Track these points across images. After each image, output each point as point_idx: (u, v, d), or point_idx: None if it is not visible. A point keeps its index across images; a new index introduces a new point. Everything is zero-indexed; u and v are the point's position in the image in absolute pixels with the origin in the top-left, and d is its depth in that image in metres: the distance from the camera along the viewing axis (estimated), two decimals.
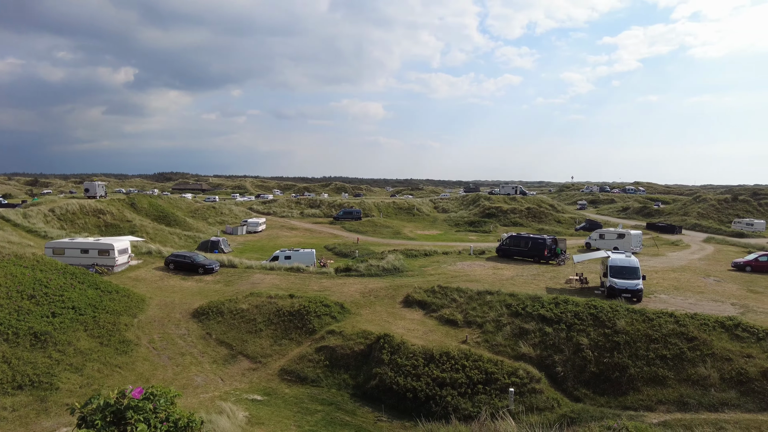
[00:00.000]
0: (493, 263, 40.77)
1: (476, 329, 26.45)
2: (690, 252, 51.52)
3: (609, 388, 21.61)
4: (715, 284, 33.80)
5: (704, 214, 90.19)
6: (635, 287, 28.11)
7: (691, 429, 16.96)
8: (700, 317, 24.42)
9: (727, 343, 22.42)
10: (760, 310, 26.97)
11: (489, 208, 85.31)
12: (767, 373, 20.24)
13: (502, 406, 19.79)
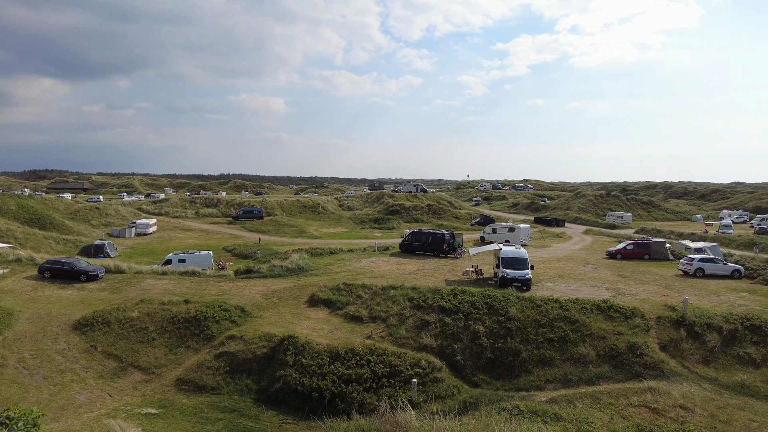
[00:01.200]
0: (396, 259, 41.70)
1: (381, 324, 26.87)
2: (572, 243, 56.76)
3: (504, 372, 23.07)
4: (592, 271, 37.53)
5: (584, 208, 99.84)
6: (525, 276, 30.33)
7: (573, 403, 18.65)
8: (580, 302, 26.93)
9: (602, 323, 24.98)
10: (627, 292, 30.42)
11: (393, 206, 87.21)
12: (633, 347, 22.89)
13: (406, 397, 20.33)
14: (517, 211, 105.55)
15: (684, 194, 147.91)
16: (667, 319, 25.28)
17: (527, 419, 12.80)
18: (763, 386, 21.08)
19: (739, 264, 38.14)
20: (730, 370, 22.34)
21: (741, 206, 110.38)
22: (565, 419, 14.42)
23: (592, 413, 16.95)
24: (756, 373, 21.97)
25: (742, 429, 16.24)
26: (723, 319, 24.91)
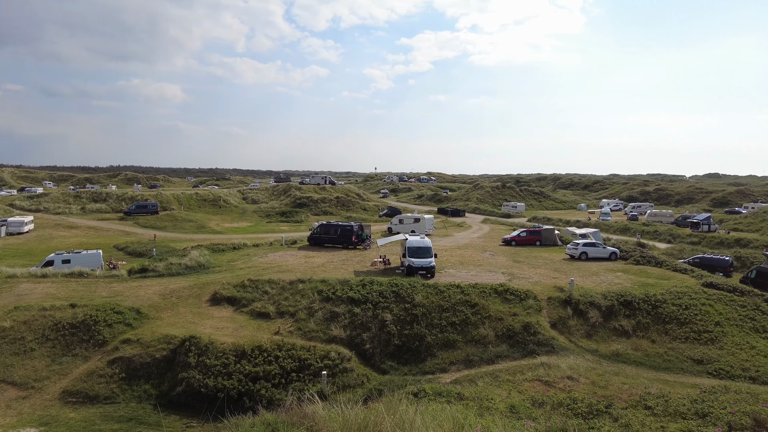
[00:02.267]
0: (305, 252, 41.24)
1: (289, 319, 26.49)
2: (472, 231, 59.88)
3: (411, 358, 23.86)
4: (490, 258, 39.90)
5: (482, 199, 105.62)
6: (429, 264, 31.52)
7: (475, 382, 19.79)
8: (479, 286, 28.55)
9: (500, 305, 26.72)
10: (521, 276, 32.79)
11: (300, 198, 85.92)
12: (527, 326, 24.78)
13: (316, 390, 20.31)
14: (422, 203, 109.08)
15: (570, 185, 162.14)
16: (557, 300, 27.65)
17: (432, 400, 13.37)
18: (633, 353, 23.91)
19: (615, 247, 42.67)
20: (607, 341, 25.04)
21: (617, 196, 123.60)
22: (468, 398, 15.28)
23: (492, 390, 18.12)
24: (628, 343, 24.85)
25: (617, 391, 18.29)
26: (602, 297, 27.79)
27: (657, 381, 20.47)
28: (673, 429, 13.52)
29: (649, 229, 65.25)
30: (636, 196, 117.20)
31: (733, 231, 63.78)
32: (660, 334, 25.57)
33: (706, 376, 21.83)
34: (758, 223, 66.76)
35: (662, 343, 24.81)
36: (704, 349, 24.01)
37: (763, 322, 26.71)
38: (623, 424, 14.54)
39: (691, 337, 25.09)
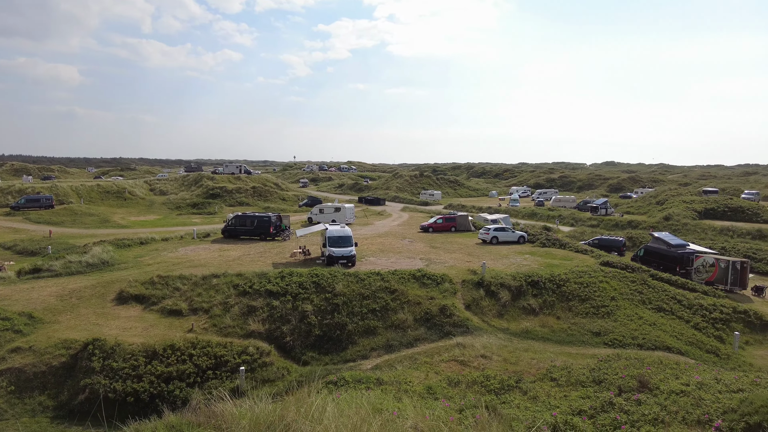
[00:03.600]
0: (219, 245, 39.61)
1: (203, 315, 25.38)
2: (392, 220, 60.80)
3: (332, 347, 23.85)
4: (409, 244, 40.77)
5: (401, 188, 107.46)
6: (350, 253, 31.58)
7: (394, 366, 20.21)
8: (399, 273, 29.08)
9: (418, 290, 27.42)
10: (438, 261, 33.85)
11: (213, 189, 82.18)
12: (444, 309, 25.67)
13: (234, 386, 19.71)
14: (342, 192, 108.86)
15: (483, 173, 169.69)
16: (470, 282, 28.87)
17: (352, 388, 13.48)
18: (540, 330, 25.62)
19: (523, 231, 45.30)
20: (517, 320, 26.61)
21: (525, 183, 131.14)
22: (387, 382, 15.58)
23: (411, 373, 18.61)
24: (535, 320, 26.58)
25: (526, 366, 19.54)
26: (512, 278, 29.42)
27: (562, 354, 22.11)
28: (574, 396, 14.68)
29: (554, 213, 70.02)
30: (542, 183, 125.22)
31: (626, 214, 70.20)
32: (564, 310, 27.60)
33: (603, 346, 23.91)
34: (646, 207, 74.06)
35: (566, 319, 26.82)
36: (602, 323, 26.27)
37: (649, 295, 29.73)
38: (531, 396, 15.57)
39: (591, 312, 27.35)
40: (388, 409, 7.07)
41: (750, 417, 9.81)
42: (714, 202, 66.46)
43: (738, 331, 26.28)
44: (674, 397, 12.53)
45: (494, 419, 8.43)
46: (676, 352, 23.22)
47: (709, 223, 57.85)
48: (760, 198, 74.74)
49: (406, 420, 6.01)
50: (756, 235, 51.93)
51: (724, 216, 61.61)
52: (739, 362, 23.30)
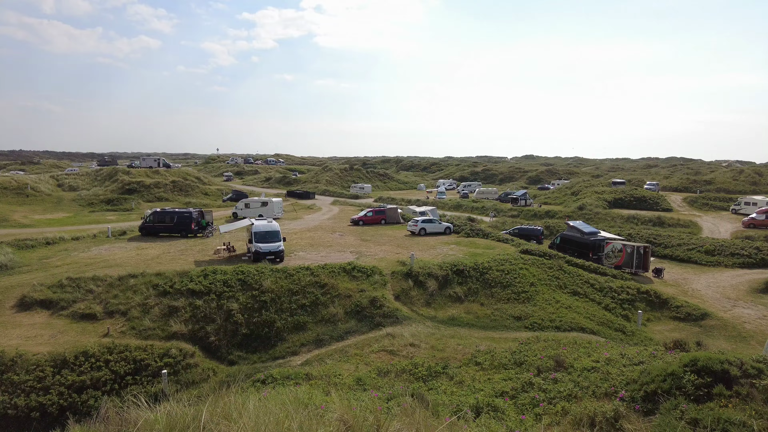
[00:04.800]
0: (136, 243, 37.32)
1: (120, 318, 23.86)
2: (321, 213, 60.30)
3: (260, 345, 23.32)
4: (339, 238, 40.66)
5: (331, 181, 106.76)
6: (277, 249, 30.95)
7: (325, 360, 20.14)
8: (329, 266, 28.94)
9: (348, 283, 27.45)
10: (368, 253, 34.07)
11: (129, 183, 77.16)
12: (374, 300, 25.89)
13: (157, 391, 18.75)
14: (270, 185, 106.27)
15: (412, 167, 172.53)
16: (399, 273, 29.33)
17: (280, 384, 13.26)
18: (466, 316, 26.57)
19: (450, 223, 46.66)
20: (444, 308, 27.41)
21: (451, 176, 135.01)
22: (316, 377, 15.48)
23: (341, 366, 18.63)
24: (461, 307, 27.52)
25: (453, 352, 20.19)
26: (439, 268, 30.23)
27: (486, 339, 23.08)
28: (497, 379, 15.38)
29: (478, 205, 72.74)
30: (467, 176, 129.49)
31: (544, 204, 74.35)
32: (487, 297, 28.78)
33: (523, 330, 25.22)
34: (562, 197, 78.85)
35: (489, 305, 27.99)
36: (522, 307, 27.69)
37: (565, 280, 31.73)
38: (458, 381, 16.11)
39: (512, 297, 28.74)
40: (315, 403, 7.02)
41: (647, 386, 10.78)
42: (621, 192, 72.13)
43: (641, 310, 28.76)
44: (586, 373, 13.49)
45: (420, 406, 8.63)
46: (589, 332, 24.99)
47: (617, 211, 62.66)
48: (659, 188, 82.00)
49: (333, 413, 6.01)
50: (656, 221, 56.99)
51: (630, 205, 67.06)
52: (641, 338, 25.50)
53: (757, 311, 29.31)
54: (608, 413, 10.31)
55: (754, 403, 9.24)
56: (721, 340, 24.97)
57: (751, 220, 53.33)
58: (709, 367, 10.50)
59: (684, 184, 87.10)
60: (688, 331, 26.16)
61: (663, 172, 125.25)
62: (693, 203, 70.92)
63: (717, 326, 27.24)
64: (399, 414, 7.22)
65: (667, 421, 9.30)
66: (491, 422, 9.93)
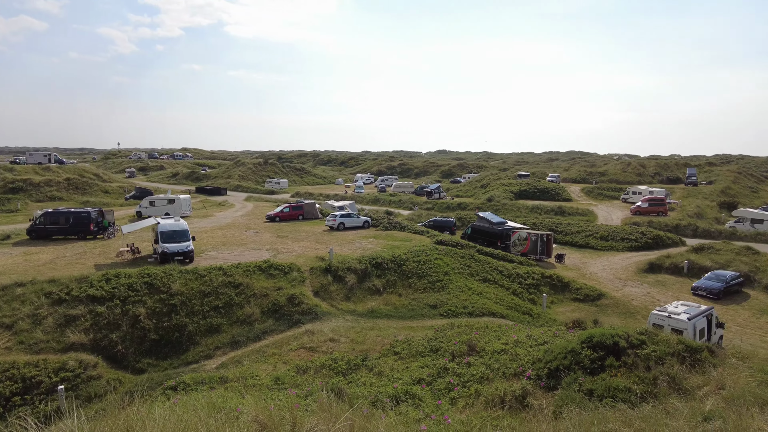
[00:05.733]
0: (24, 248, 33.66)
1: (5, 332, 21.42)
2: (234, 210, 58.14)
3: (171, 351, 22.09)
4: (254, 235, 39.48)
5: (244, 176, 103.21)
6: (186, 249, 29.38)
7: (241, 362, 19.52)
8: (243, 265, 28.01)
9: (264, 281, 26.77)
10: (285, 250, 33.43)
11: (14, 182, 69.30)
12: (292, 298, 25.50)
13: (52, 410, 17.11)
14: (177, 182, 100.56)
15: (329, 161, 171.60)
16: (318, 269, 29.10)
17: (193, 390, 12.66)
18: (385, 308, 27.00)
19: (368, 217, 47.05)
20: (363, 301, 27.65)
21: (369, 170, 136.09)
22: (232, 379, 14.98)
23: (258, 366, 18.17)
24: (380, 299, 27.92)
25: (372, 344, 20.44)
26: (357, 262, 30.40)
27: (404, 329, 23.61)
28: (415, 367, 15.82)
29: (395, 198, 74.07)
30: (384, 171, 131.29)
31: (456, 197, 77.34)
32: (405, 288, 29.44)
33: (439, 317, 26.12)
34: (472, 190, 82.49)
35: (407, 296, 28.66)
36: (438, 296, 28.65)
37: (476, 268, 33.26)
38: (377, 372, 16.36)
39: (428, 287, 29.64)
40: (230, 407, 6.81)
41: (551, 363, 11.64)
42: (526, 184, 76.88)
43: (545, 293, 30.91)
44: (496, 356, 14.28)
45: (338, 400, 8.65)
46: (499, 317, 26.44)
47: (522, 202, 66.69)
48: (560, 180, 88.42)
49: (248, 414, 5.87)
50: (558, 211, 61.43)
51: (534, 196, 71.68)
52: (546, 319, 27.44)
53: (642, 289, 32.66)
54: (517, 392, 11.00)
55: (638, 371, 10.31)
56: (614, 317, 27.52)
57: (637, 207, 59.23)
58: (602, 342, 11.54)
59: (582, 175, 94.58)
60: (587, 311, 28.54)
61: (563, 165, 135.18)
62: (589, 193, 77.28)
63: (611, 304, 29.99)
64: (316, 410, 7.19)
65: (567, 394, 10.11)
66: (409, 409, 10.21)
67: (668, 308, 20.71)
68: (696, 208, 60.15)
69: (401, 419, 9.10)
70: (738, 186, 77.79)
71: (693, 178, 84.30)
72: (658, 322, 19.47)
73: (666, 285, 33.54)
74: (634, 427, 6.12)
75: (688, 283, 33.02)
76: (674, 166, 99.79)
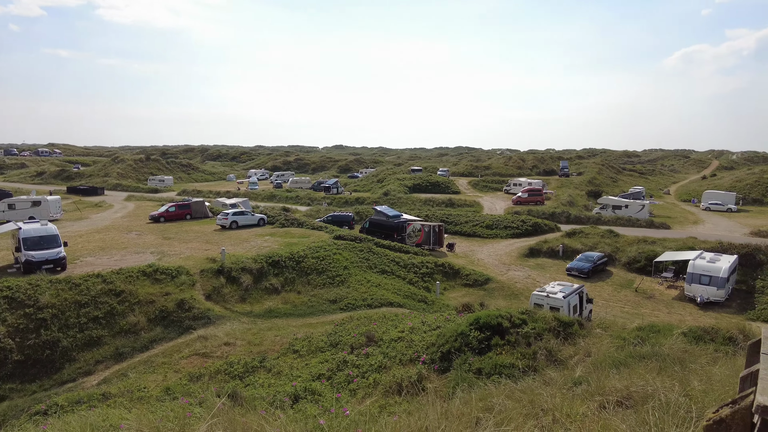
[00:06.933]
0: None
1: None
2: (114, 211, 53.25)
3: (41, 371, 19.75)
4: (137, 238, 36.51)
5: (124, 174, 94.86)
6: (56, 256, 26.33)
7: (126, 375, 18.02)
8: (125, 271, 25.79)
9: (150, 287, 24.90)
10: (172, 252, 31.37)
11: None
12: (182, 303, 24.05)
13: None
14: (44, 181, 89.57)
15: (219, 156, 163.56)
16: (210, 271, 27.72)
17: (69, 412, 11.42)
18: (283, 307, 26.52)
19: (263, 214, 45.71)
20: (260, 301, 26.89)
21: (263, 166, 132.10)
22: (116, 395, 13.77)
23: (146, 378, 16.92)
24: (278, 298, 27.36)
25: (270, 345, 19.99)
26: (253, 261, 29.46)
27: (304, 326, 23.39)
28: (314, 363, 15.77)
29: (292, 194, 72.81)
30: (279, 166, 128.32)
31: (354, 192, 78.00)
32: (304, 285, 29.15)
33: (339, 311, 26.25)
34: (369, 185, 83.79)
35: (306, 293, 28.41)
36: (337, 291, 28.77)
37: (374, 260, 33.91)
38: (276, 372, 16.04)
39: (328, 282, 29.63)
40: (113, 424, 6.32)
41: (443, 347, 12.27)
42: (419, 178, 79.79)
43: (438, 281, 32.43)
44: (393, 344, 14.70)
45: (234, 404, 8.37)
46: (397, 306, 27.24)
47: (416, 195, 69.12)
48: (449, 174, 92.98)
49: (131, 431, 5.50)
50: (448, 203, 64.56)
51: (426, 189, 74.66)
52: (440, 305, 28.80)
53: (524, 272, 35.59)
54: (413, 377, 11.43)
55: (520, 347, 11.25)
56: (500, 299, 29.68)
57: (518, 198, 64.28)
58: (488, 323, 12.40)
59: (469, 169, 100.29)
60: (476, 295, 30.42)
61: (452, 159, 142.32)
62: (476, 186, 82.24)
63: (497, 288, 32.28)
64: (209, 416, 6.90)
65: (458, 375, 10.72)
66: (308, 406, 10.16)
67: (547, 288, 22.83)
68: (568, 197, 66.68)
69: (300, 416, 9.04)
70: (602, 176, 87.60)
71: (565, 170, 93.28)
72: (538, 301, 21.37)
73: (545, 267, 36.86)
74: (514, 399, 6.67)
75: (563, 265, 36.59)
76: (549, 160, 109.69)
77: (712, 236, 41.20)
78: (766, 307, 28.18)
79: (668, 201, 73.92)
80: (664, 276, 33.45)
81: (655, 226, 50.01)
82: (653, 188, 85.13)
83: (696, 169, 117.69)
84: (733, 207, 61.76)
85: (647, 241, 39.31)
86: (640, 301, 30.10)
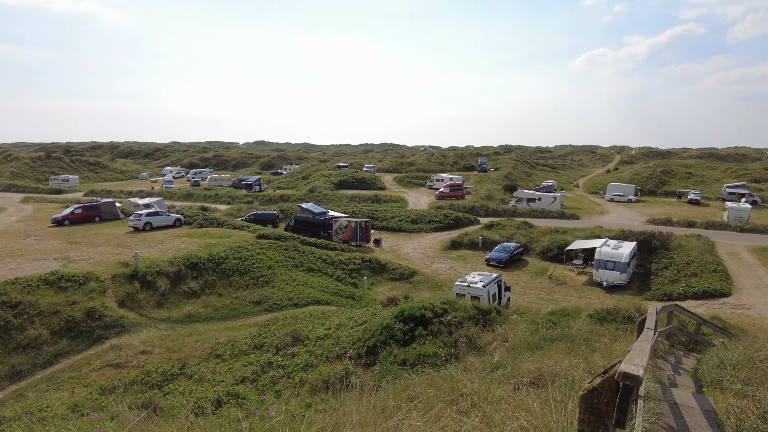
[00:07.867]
0: None
1: None
2: (7, 215, 48.29)
3: None
4: (36, 243, 33.37)
5: (19, 173, 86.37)
6: None
7: (25, 395, 16.43)
8: (22, 280, 23.47)
9: (53, 297, 22.86)
10: (79, 258, 29.01)
11: None
12: (91, 312, 22.31)
13: None
14: None
15: (130, 153, 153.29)
16: (122, 276, 25.95)
17: None
18: (204, 311, 25.44)
19: (180, 214, 43.49)
20: (179, 306, 25.60)
21: (179, 163, 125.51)
22: (12, 418, 12.50)
23: (50, 396, 15.55)
24: (198, 302, 26.19)
25: (191, 351, 19.10)
26: (170, 264, 27.95)
27: (226, 329, 22.58)
28: (238, 366, 15.29)
29: (211, 193, 69.89)
30: (197, 163, 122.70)
31: (278, 189, 76.35)
32: (225, 287, 28.12)
33: (264, 312, 25.62)
34: (294, 182, 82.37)
35: (228, 295, 27.43)
36: (262, 291, 28.05)
37: (300, 259, 33.44)
38: (197, 378, 15.37)
39: (251, 283, 28.79)
40: None
41: (369, 341, 12.37)
42: (345, 175, 79.64)
43: (366, 276, 32.63)
44: (320, 342, 14.61)
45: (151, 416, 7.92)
46: (324, 304, 27.07)
47: (342, 192, 68.98)
48: (375, 170, 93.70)
49: None
50: (374, 199, 65.09)
51: (352, 186, 74.71)
52: (367, 300, 29.00)
53: (447, 264, 36.74)
54: (339, 373, 11.43)
55: (442, 336, 11.61)
56: (425, 291, 30.42)
57: (440, 193, 66.16)
58: (412, 314, 12.67)
59: (394, 166, 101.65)
60: (402, 288, 30.96)
61: (378, 156, 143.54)
62: (401, 182, 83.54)
63: (422, 280, 33.05)
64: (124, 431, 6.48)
65: (384, 367, 10.87)
66: (232, 410, 9.83)
67: (468, 279, 23.71)
68: (486, 192, 69.61)
69: (222, 422, 8.73)
70: (517, 171, 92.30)
71: (483, 165, 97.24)
72: (460, 291, 22.15)
73: (466, 259, 38.27)
74: (436, 386, 6.88)
75: (483, 256, 38.18)
76: (469, 156, 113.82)
77: (615, 225, 44.91)
78: (660, 287, 31.18)
79: (578, 193, 79.52)
80: (574, 263, 35.94)
81: (566, 216, 53.63)
82: (564, 182, 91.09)
83: (601, 163, 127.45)
84: (633, 198, 67.68)
85: (559, 231, 42.02)
86: (553, 287, 32.14)
